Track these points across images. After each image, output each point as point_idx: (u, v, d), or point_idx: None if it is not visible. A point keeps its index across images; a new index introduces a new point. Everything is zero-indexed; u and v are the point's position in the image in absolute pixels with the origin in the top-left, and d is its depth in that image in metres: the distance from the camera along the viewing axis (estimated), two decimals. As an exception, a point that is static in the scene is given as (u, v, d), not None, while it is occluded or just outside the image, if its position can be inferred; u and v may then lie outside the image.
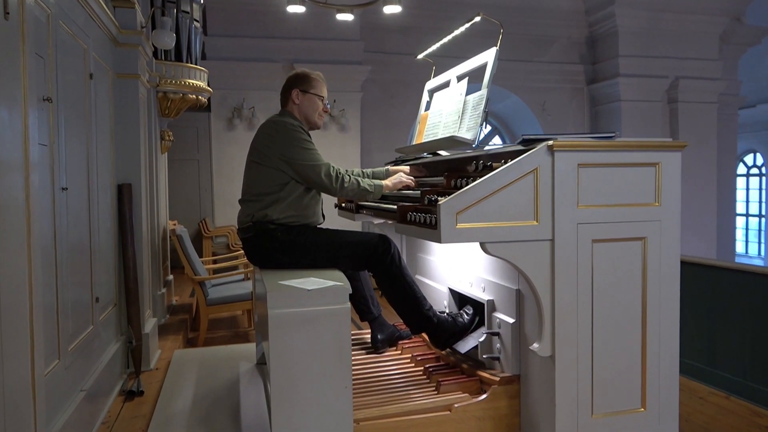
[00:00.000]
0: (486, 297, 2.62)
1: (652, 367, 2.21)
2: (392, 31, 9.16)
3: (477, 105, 2.62)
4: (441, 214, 1.97)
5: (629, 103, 10.15)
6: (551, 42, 10.33)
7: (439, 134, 2.94)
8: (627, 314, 2.18)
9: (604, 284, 2.15)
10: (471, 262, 2.82)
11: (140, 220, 3.62)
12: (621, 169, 2.16)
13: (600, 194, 2.13)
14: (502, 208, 2.03)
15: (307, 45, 8.37)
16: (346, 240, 2.67)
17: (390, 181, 2.77)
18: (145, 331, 3.64)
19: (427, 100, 3.41)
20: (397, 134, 9.27)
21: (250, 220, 2.68)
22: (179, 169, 8.51)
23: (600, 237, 2.14)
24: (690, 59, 10.30)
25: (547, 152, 2.06)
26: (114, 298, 3.42)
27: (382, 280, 2.71)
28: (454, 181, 2.39)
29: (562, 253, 2.08)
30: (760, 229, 14.28)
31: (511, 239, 2.04)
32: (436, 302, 3.20)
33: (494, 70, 2.60)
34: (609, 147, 2.13)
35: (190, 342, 4.76)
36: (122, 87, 3.50)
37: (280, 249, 2.64)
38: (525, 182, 2.05)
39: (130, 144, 3.56)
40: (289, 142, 2.65)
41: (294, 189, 2.70)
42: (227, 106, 8.43)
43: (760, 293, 4.13)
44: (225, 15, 8.33)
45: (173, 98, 5.04)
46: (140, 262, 3.62)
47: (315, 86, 2.86)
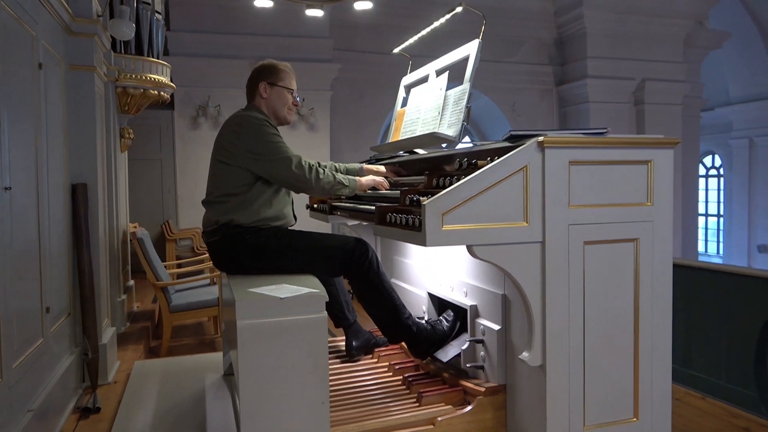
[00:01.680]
0: (469, 302, 2.49)
1: (644, 374, 2.11)
2: (362, 29, 9.01)
3: (459, 100, 2.49)
4: (426, 215, 1.83)
5: (597, 105, 10.23)
6: (521, 43, 10.33)
7: (417, 131, 2.80)
8: (619, 320, 2.08)
9: (596, 288, 2.04)
10: (452, 265, 2.68)
11: (96, 223, 3.38)
12: (613, 168, 2.05)
13: (592, 194, 2.02)
14: (490, 208, 1.90)
15: (275, 41, 8.14)
16: (320, 243, 2.50)
17: (365, 179, 2.62)
18: (102, 341, 3.39)
19: (404, 96, 3.26)
20: (368, 134, 9.12)
21: (216, 223, 2.49)
22: (141, 169, 8.17)
23: (592, 239, 2.02)
24: (656, 61, 10.44)
25: (537, 149, 1.94)
26: (68, 307, 3.17)
27: (359, 286, 2.56)
28: (436, 180, 2.25)
29: (553, 257, 1.96)
30: (719, 228, 14.70)
31: (500, 242, 1.91)
32: (415, 307, 3.06)
33: (477, 64, 2.47)
34: (601, 144, 2.02)
35: (153, 351, 4.51)
36: (76, 79, 3.25)
37: (249, 253, 2.45)
38: (514, 181, 1.92)
39: (85, 141, 3.31)
40: (254, 137, 2.47)
41: (262, 189, 2.52)
42: (191, 104, 8.13)
43: (734, 293, 4.12)
44: (189, 9, 8.03)
45: (133, 94, 4.77)
46: (97, 268, 3.37)
47: (283, 78, 2.69)
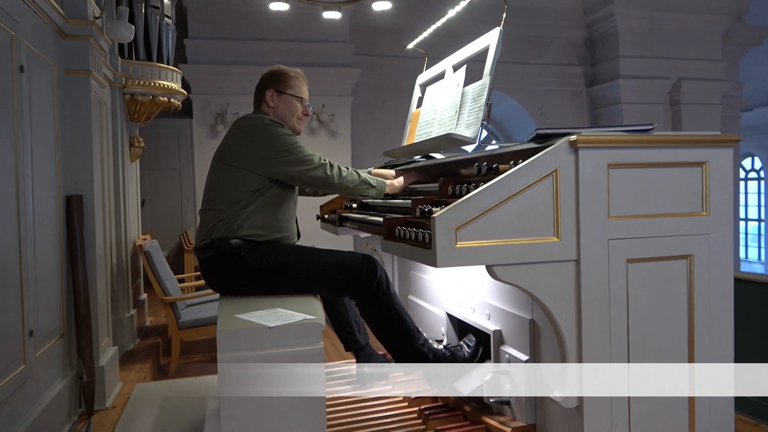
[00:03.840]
0: (492, 326, 2.18)
1: (702, 417, 1.77)
2: (383, 33, 8.78)
3: (477, 97, 2.19)
4: (436, 230, 1.54)
5: (630, 106, 9.76)
6: (549, 43, 9.96)
7: (433, 133, 2.51)
8: (670, 352, 1.75)
9: (642, 316, 1.72)
10: (473, 283, 2.38)
11: (93, 237, 3.17)
12: (660, 171, 1.73)
13: (635, 202, 1.70)
14: (514, 221, 1.60)
15: (293, 47, 7.96)
16: (323, 262, 2.23)
17: (397, 180, 2.39)
18: (100, 363, 3.18)
19: (419, 95, 2.98)
20: (390, 140, 8.81)
21: (209, 236, 2.24)
22: (159, 179, 8.06)
23: (636, 256, 1.70)
24: (692, 60, 9.95)
25: (569, 150, 1.63)
26: (61, 328, 2.96)
27: (367, 309, 2.28)
28: (452, 188, 1.96)
29: (590, 278, 1.65)
30: (760, 233, 14.07)
31: (525, 261, 1.61)
32: (432, 329, 2.76)
33: (497, 55, 2.17)
34: (646, 143, 1.70)
35: (162, 369, 4.30)
36: (70, 84, 3.06)
37: (244, 272, 2.20)
38: (542, 188, 1.62)
39: (81, 150, 3.11)
40: (269, 138, 2.27)
41: (269, 196, 2.29)
42: (210, 112, 7.98)
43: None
44: (207, 16, 7.91)
45: (142, 101, 4.60)
46: (94, 284, 3.16)
47: (292, 86, 2.46)
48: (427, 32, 2.83)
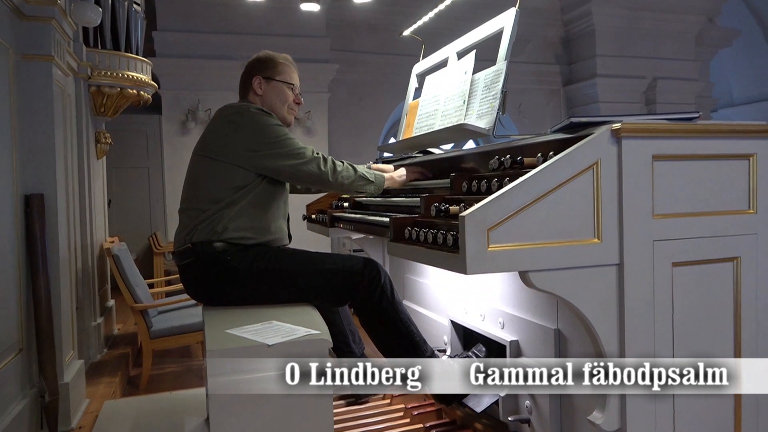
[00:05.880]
0: (507, 336, 1.98)
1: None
2: (361, 29, 8.57)
3: (492, 84, 1.99)
4: (466, 231, 1.33)
5: (607, 105, 9.75)
6: (526, 41, 9.87)
7: (436, 125, 2.30)
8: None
9: (687, 325, 1.54)
10: (482, 287, 2.18)
11: (56, 240, 2.86)
12: (705, 164, 1.56)
13: (681, 199, 1.53)
14: (550, 221, 1.40)
15: (268, 41, 7.64)
16: (320, 267, 2.01)
17: (397, 173, 2.16)
18: (64, 380, 2.87)
19: (416, 86, 2.77)
20: (368, 138, 8.66)
21: (189, 240, 1.99)
22: (126, 178, 7.68)
23: (682, 259, 1.53)
24: (667, 59, 10.01)
25: (612, 139, 1.44)
26: (18, 342, 2.65)
27: (369, 319, 2.05)
28: (467, 184, 1.76)
29: (633, 284, 1.47)
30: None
31: (563, 266, 1.41)
32: (433, 337, 2.55)
33: (513, 38, 1.98)
34: (693, 132, 1.52)
35: (132, 382, 3.99)
36: (29, 71, 2.75)
37: (230, 280, 1.95)
38: (581, 182, 1.43)
39: (41, 144, 2.80)
40: (256, 128, 2.04)
41: (256, 192, 2.06)
42: (180, 108, 7.63)
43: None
44: (176, 7, 7.56)
45: (109, 93, 4.27)
46: (57, 293, 2.86)
47: (282, 72, 2.24)
48: (426, 17, 2.62)
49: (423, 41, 2.84)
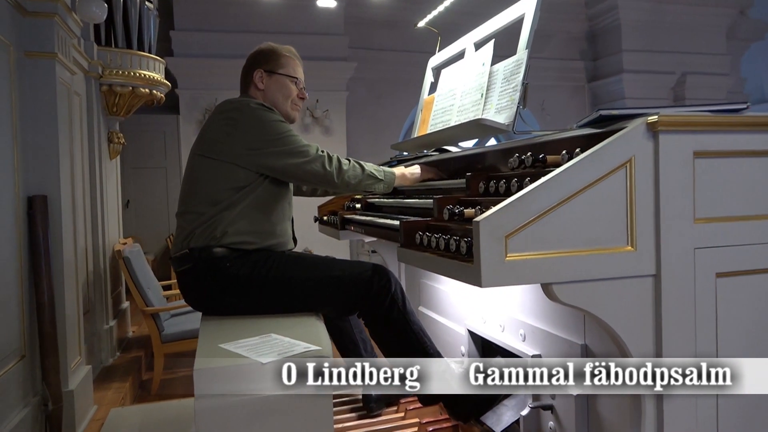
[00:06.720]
0: (529, 350, 1.83)
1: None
2: (379, 26, 8.43)
3: (511, 75, 1.83)
4: (481, 238, 1.18)
5: (634, 101, 9.46)
6: (549, 37, 9.62)
7: (452, 121, 2.15)
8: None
9: (733, 341, 1.37)
10: (502, 295, 2.02)
11: (60, 242, 2.78)
12: (753, 161, 1.38)
13: (725, 201, 1.35)
14: (578, 226, 1.25)
15: (286, 39, 7.38)
16: (326, 274, 1.87)
17: (409, 170, 2.02)
18: (69, 387, 2.79)
19: (431, 80, 2.62)
20: (387, 136, 8.51)
21: (187, 245, 1.87)
22: (144, 178, 7.65)
23: (726, 269, 1.36)
24: (697, 54, 9.67)
25: (647, 134, 1.28)
26: (21, 349, 2.57)
27: (379, 329, 1.92)
28: (484, 185, 1.61)
29: (672, 298, 1.30)
30: None
31: (592, 277, 1.25)
32: (449, 347, 2.40)
33: (535, 26, 1.82)
34: (739, 125, 1.35)
35: (143, 386, 3.92)
36: (32, 69, 2.67)
37: (230, 288, 1.83)
38: (613, 182, 1.27)
39: (44, 144, 2.72)
40: (257, 124, 1.91)
41: (256, 196, 1.92)
42: (198, 108, 7.58)
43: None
44: (194, 7, 7.52)
45: (121, 92, 4.20)
46: (61, 297, 2.78)
47: (285, 65, 2.12)
48: (441, 6, 2.47)
49: (439, 34, 2.69)
